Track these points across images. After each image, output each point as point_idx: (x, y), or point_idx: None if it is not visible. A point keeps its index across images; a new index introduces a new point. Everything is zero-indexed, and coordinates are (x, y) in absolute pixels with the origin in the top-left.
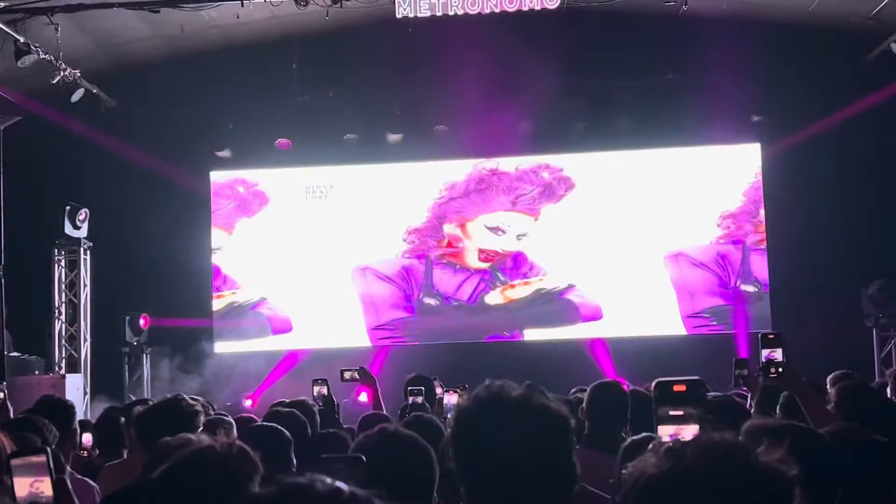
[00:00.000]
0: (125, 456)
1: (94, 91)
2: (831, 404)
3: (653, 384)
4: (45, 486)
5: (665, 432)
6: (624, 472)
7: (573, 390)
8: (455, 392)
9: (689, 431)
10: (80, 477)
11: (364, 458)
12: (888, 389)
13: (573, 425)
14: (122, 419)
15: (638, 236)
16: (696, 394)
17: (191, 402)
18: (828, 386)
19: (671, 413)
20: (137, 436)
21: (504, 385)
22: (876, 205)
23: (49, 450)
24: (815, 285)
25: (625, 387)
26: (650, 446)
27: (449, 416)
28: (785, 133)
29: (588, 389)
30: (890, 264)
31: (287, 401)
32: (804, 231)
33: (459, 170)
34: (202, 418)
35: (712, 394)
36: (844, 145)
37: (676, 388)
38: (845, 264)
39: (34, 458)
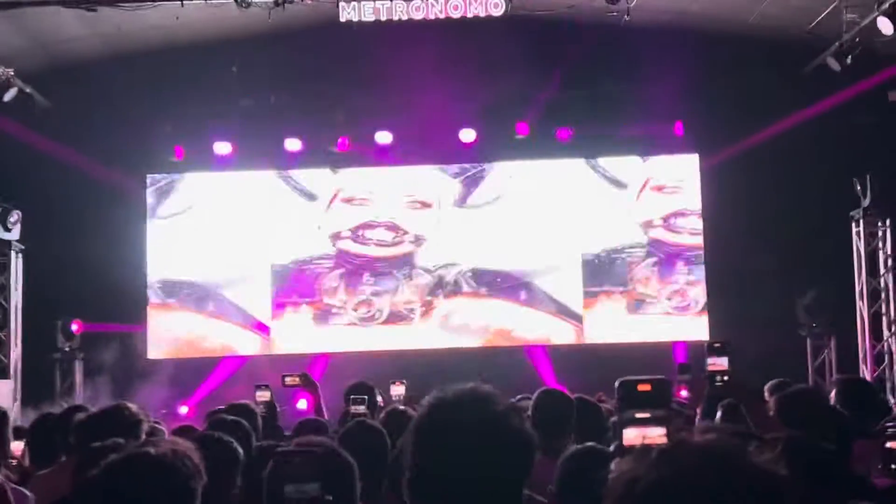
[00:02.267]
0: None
1: (28, 90)
2: (772, 412)
3: (616, 384)
4: None
5: (631, 436)
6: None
7: (517, 398)
8: (401, 383)
9: (656, 434)
10: (15, 486)
11: (319, 452)
12: (832, 396)
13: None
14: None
15: (575, 244)
16: (661, 393)
17: (134, 410)
18: (766, 394)
19: (637, 416)
20: (77, 443)
21: (489, 392)
22: (811, 216)
23: None
24: (751, 295)
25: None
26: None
27: (400, 407)
28: (723, 144)
29: (533, 397)
30: (824, 274)
31: (224, 406)
32: (741, 241)
33: (401, 175)
34: (145, 426)
35: None
36: (781, 157)
37: (641, 387)
38: (781, 274)
39: None
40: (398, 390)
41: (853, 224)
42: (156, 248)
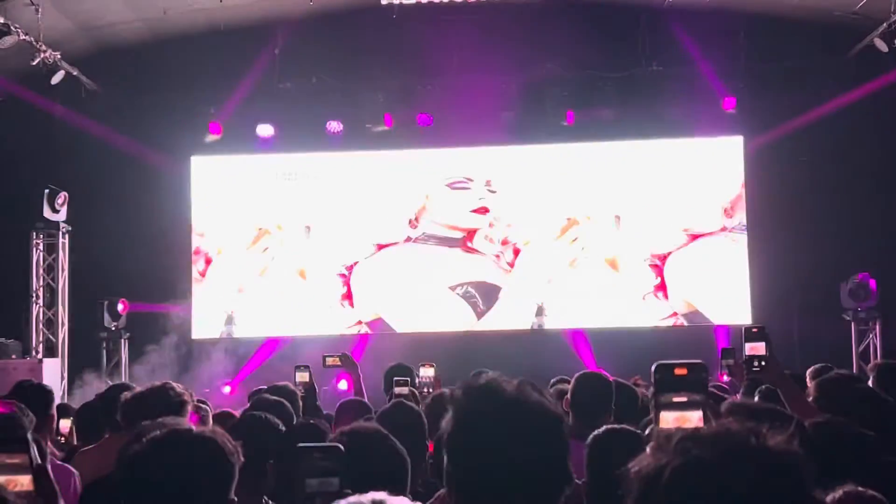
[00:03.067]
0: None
1: (75, 74)
2: (811, 398)
3: (652, 368)
4: (25, 481)
5: (668, 419)
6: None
7: (553, 381)
8: (430, 365)
9: (693, 418)
10: (59, 463)
11: (342, 448)
12: (870, 382)
13: (567, 424)
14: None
15: (619, 228)
16: (697, 378)
17: (179, 389)
18: (807, 380)
19: (674, 399)
20: (123, 421)
21: (497, 379)
22: (856, 199)
23: (30, 438)
24: (794, 279)
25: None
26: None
27: (426, 390)
28: (767, 127)
29: (572, 380)
30: (869, 258)
31: (266, 387)
32: (784, 225)
33: (443, 159)
34: (189, 408)
35: None
36: (826, 140)
37: (678, 371)
38: (825, 258)
39: (13, 459)
40: (427, 372)
41: None
42: (201, 228)
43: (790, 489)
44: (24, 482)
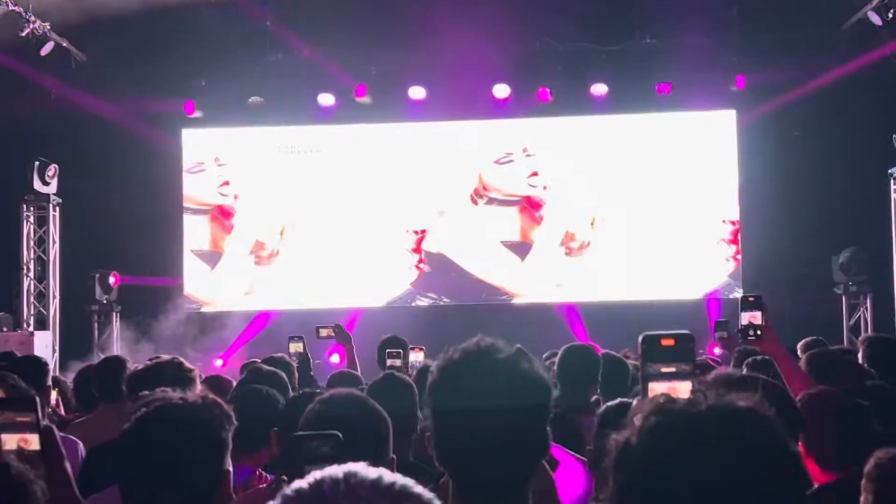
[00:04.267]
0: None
1: (65, 45)
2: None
3: (639, 339)
4: (33, 440)
5: (657, 389)
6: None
7: (545, 355)
8: (420, 349)
9: (682, 388)
10: (64, 434)
11: (340, 435)
12: (859, 355)
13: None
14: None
15: (611, 201)
16: (685, 348)
17: (188, 365)
18: (798, 353)
19: (662, 370)
20: (129, 393)
21: (495, 342)
22: (849, 172)
23: (37, 399)
24: (786, 252)
25: (597, 351)
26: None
27: (413, 373)
28: (761, 100)
29: (560, 352)
30: (860, 232)
31: (259, 360)
32: (777, 199)
33: (434, 131)
34: (199, 382)
35: None
36: (819, 113)
37: (665, 342)
38: (817, 232)
39: (22, 417)
40: (417, 357)
41: (891, 181)
42: (190, 198)
43: (762, 444)
44: (35, 441)
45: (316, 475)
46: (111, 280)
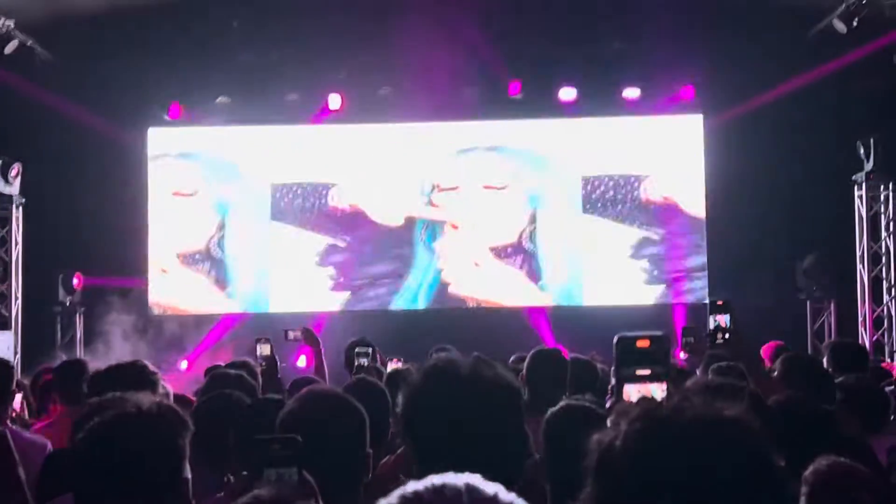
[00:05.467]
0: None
1: (29, 43)
2: (776, 373)
3: (614, 340)
4: None
5: (632, 391)
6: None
7: (512, 358)
8: (398, 360)
9: (657, 390)
10: (31, 437)
11: (299, 438)
12: (824, 360)
13: (523, 395)
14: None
15: (577, 205)
16: (660, 349)
17: (151, 367)
18: (762, 357)
19: (637, 373)
20: (90, 396)
21: (452, 358)
22: (814, 179)
23: None
24: (751, 258)
25: (565, 355)
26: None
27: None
28: (727, 105)
29: (527, 357)
30: (825, 238)
31: (223, 364)
32: (743, 203)
33: (403, 133)
34: (161, 385)
35: None
36: (785, 119)
37: (640, 343)
38: (781, 237)
39: None
40: (396, 367)
41: (855, 188)
42: (156, 199)
43: (748, 456)
44: None
45: (435, 481)
46: (74, 281)
